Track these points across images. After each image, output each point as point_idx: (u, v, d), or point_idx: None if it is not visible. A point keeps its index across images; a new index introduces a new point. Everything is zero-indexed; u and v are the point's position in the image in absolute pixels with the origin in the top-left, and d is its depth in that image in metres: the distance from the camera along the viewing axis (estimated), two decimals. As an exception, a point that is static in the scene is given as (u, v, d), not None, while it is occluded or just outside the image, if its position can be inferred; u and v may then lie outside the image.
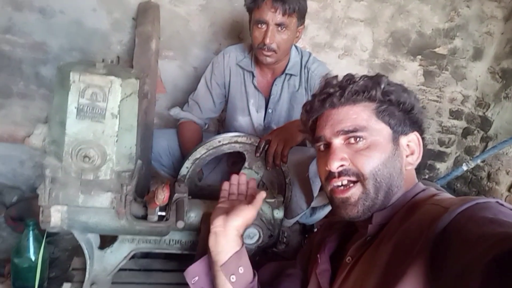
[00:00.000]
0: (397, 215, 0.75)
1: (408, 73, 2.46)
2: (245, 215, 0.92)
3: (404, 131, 0.81)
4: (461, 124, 2.65)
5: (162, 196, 0.77)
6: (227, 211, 0.93)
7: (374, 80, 0.81)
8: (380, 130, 0.79)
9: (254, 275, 0.91)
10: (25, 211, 1.86)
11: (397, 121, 0.80)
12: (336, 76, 0.86)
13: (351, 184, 0.78)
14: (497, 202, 0.62)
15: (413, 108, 0.82)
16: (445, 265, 0.57)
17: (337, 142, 0.80)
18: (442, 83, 2.53)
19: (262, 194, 0.99)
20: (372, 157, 0.76)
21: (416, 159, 0.82)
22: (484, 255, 0.48)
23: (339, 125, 0.79)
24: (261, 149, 1.32)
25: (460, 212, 0.60)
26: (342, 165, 0.77)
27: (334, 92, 0.81)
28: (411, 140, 0.82)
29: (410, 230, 0.68)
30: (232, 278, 0.87)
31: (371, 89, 0.79)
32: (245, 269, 0.88)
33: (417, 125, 0.83)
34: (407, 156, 0.81)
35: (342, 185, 0.78)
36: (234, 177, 1.13)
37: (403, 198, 0.78)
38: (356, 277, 0.76)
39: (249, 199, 1.02)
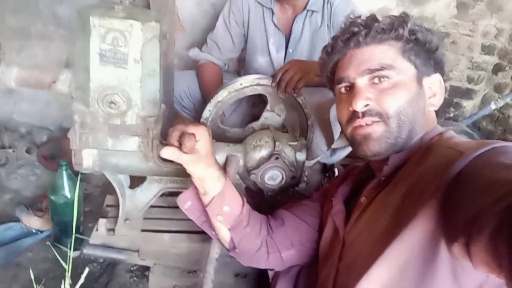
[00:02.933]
0: (413, 158, 0.75)
1: (440, 5, 2.29)
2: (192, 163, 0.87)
3: (427, 72, 0.80)
4: (493, 60, 2.52)
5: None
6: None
7: (400, 18, 0.79)
8: (405, 70, 0.78)
9: (243, 206, 0.95)
10: (56, 150, 1.94)
11: (422, 61, 0.79)
12: (360, 16, 0.83)
13: (374, 123, 0.77)
14: None
15: (438, 49, 0.80)
16: (457, 208, 0.57)
17: (362, 82, 0.79)
18: (476, 15, 2.36)
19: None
20: (398, 96, 0.76)
21: (438, 100, 0.82)
22: (498, 202, 0.49)
23: (365, 65, 0.78)
24: (277, 79, 1.29)
25: (476, 157, 0.60)
26: (367, 105, 0.77)
27: (359, 31, 0.79)
28: (434, 82, 0.82)
29: (424, 173, 0.68)
30: (219, 218, 0.93)
31: (398, 27, 0.78)
32: (231, 206, 0.92)
33: (439, 67, 0.83)
34: (429, 98, 0.81)
35: (365, 124, 0.78)
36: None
37: (420, 141, 0.78)
38: (369, 216, 0.78)
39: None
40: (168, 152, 0.83)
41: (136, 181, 1.25)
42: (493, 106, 2.07)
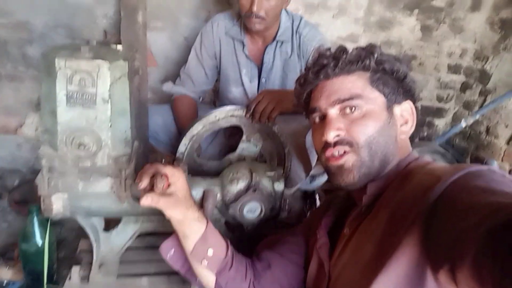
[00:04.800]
0: (392, 185, 0.76)
1: (405, 29, 2.38)
2: (170, 206, 0.85)
3: (397, 100, 0.82)
4: (460, 78, 2.61)
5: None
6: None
7: (367, 49, 0.82)
8: (374, 99, 0.79)
9: (227, 248, 0.93)
10: (28, 194, 1.87)
11: (391, 89, 0.81)
12: (329, 48, 0.85)
13: (345, 152, 0.78)
14: (489, 169, 0.62)
15: (406, 77, 0.82)
16: (439, 235, 0.57)
17: (333, 112, 0.80)
18: (440, 37, 2.46)
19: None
20: (368, 126, 0.77)
21: (410, 128, 0.83)
22: (477, 226, 0.49)
23: (335, 95, 0.80)
24: (251, 110, 1.29)
25: (453, 182, 0.61)
26: (338, 135, 0.78)
27: (328, 63, 0.81)
28: (405, 109, 0.83)
29: (404, 200, 0.68)
30: (204, 262, 0.89)
31: (365, 58, 0.80)
32: (215, 249, 0.90)
33: (410, 94, 0.84)
34: (401, 125, 0.82)
35: (337, 154, 0.79)
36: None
37: (397, 168, 0.79)
38: (353, 248, 0.78)
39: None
40: (148, 200, 0.81)
41: (112, 223, 1.20)
42: (463, 123, 2.13)
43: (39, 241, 1.29)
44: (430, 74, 2.56)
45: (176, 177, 0.86)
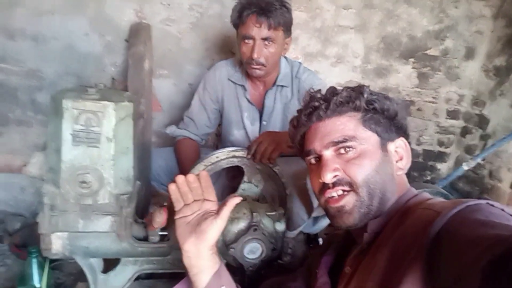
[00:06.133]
0: (391, 221, 0.76)
1: (402, 76, 2.47)
2: (215, 232, 0.82)
3: (390, 137, 0.83)
4: (459, 123, 2.66)
5: (160, 219, 0.77)
6: (194, 227, 0.84)
7: (357, 90, 0.83)
8: (368, 138, 0.80)
9: None
10: (29, 237, 1.85)
11: (383, 128, 0.82)
12: (320, 90, 0.87)
13: (345, 193, 0.78)
14: (488, 203, 0.62)
15: (397, 115, 0.84)
16: (441, 270, 0.57)
17: (328, 153, 0.81)
18: (437, 84, 2.54)
19: (233, 202, 0.85)
20: (364, 165, 0.78)
21: (405, 164, 0.84)
22: (479, 259, 0.49)
23: (328, 137, 0.81)
24: (252, 151, 1.31)
25: (452, 216, 0.61)
26: (335, 176, 0.78)
27: (319, 105, 0.83)
28: (399, 146, 0.84)
29: (404, 236, 0.68)
30: None
31: (355, 99, 0.82)
32: (227, 287, 0.86)
33: (402, 131, 0.85)
34: (396, 162, 0.83)
35: (337, 195, 0.79)
36: (180, 178, 0.93)
37: (396, 204, 0.79)
38: (355, 286, 0.76)
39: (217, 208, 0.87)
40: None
41: (111, 265, 1.18)
42: (465, 167, 2.13)
43: (37, 284, 1.26)
44: (429, 119, 2.61)
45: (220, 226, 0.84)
